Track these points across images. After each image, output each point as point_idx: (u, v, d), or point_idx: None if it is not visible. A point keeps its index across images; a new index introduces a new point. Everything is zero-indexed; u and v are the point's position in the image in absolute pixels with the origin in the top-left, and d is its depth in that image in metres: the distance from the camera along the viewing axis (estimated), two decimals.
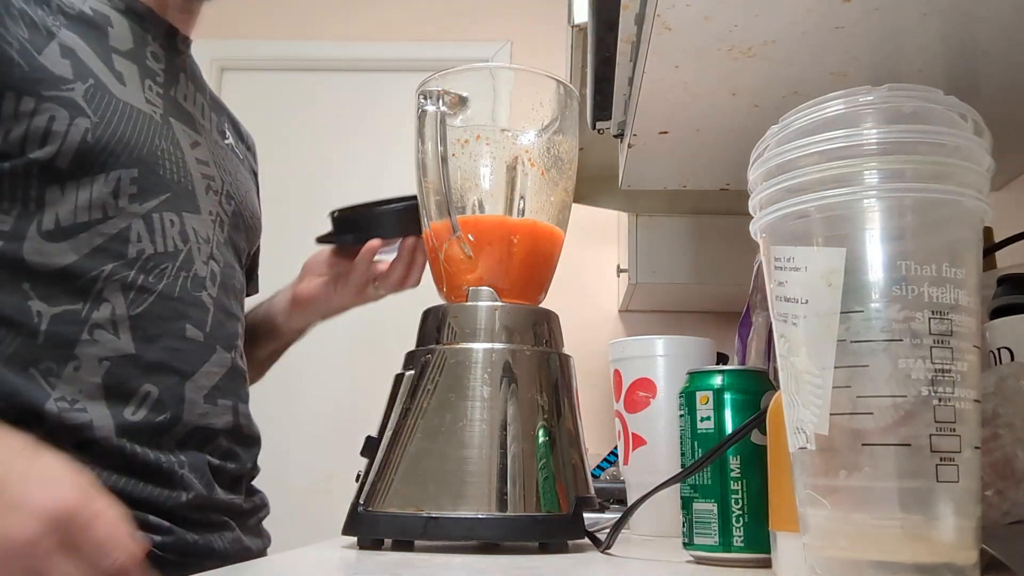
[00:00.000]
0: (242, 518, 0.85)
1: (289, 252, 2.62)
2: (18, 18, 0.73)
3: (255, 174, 1.05)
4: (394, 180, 1.61)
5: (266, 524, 0.94)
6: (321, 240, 0.96)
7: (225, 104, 1.03)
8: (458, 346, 0.66)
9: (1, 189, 0.72)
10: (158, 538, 0.73)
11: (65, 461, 0.62)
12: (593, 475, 1.46)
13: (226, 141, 0.95)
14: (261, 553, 0.88)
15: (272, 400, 1.63)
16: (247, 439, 0.87)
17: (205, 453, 0.80)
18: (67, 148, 0.73)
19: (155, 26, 0.87)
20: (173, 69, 0.88)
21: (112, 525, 0.59)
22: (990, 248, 0.70)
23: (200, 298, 0.81)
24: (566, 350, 0.71)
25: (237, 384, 0.85)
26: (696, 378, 0.58)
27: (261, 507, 0.91)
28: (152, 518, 0.73)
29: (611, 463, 1.48)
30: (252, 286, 1.05)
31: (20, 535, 0.56)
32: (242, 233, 0.92)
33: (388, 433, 0.65)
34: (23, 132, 0.72)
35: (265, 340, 1.05)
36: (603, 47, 0.81)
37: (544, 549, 0.62)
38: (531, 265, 0.73)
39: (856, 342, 0.37)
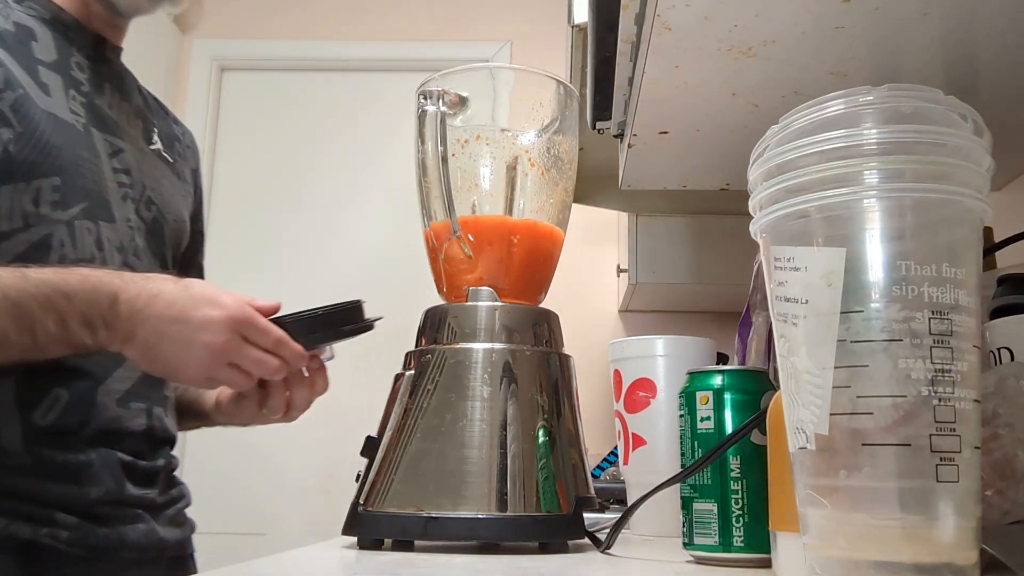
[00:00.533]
0: (157, 511, 0.86)
1: (288, 251, 2.62)
2: None
3: (194, 172, 1.05)
4: (394, 180, 1.60)
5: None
6: None
7: (160, 106, 1.03)
8: (458, 346, 0.66)
9: None
10: (65, 534, 0.76)
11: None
12: (593, 475, 1.47)
13: (152, 147, 0.95)
14: (181, 542, 0.91)
15: None
16: (161, 440, 0.89)
17: (116, 451, 0.81)
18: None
19: (80, 36, 0.89)
20: (98, 78, 0.89)
21: (278, 334, 0.73)
22: (990, 248, 0.70)
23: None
24: (566, 350, 0.71)
25: (153, 387, 0.87)
26: (696, 378, 0.58)
27: (179, 499, 0.92)
28: (60, 515, 0.76)
29: (611, 463, 1.48)
30: (196, 272, 1.06)
31: (219, 329, 0.70)
32: (164, 238, 0.93)
33: (388, 433, 0.65)
34: None
35: (191, 419, 0.99)
36: (603, 47, 0.81)
37: (544, 549, 0.62)
38: (531, 265, 0.73)
39: (856, 342, 0.37)
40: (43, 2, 0.87)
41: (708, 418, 0.56)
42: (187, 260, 1.03)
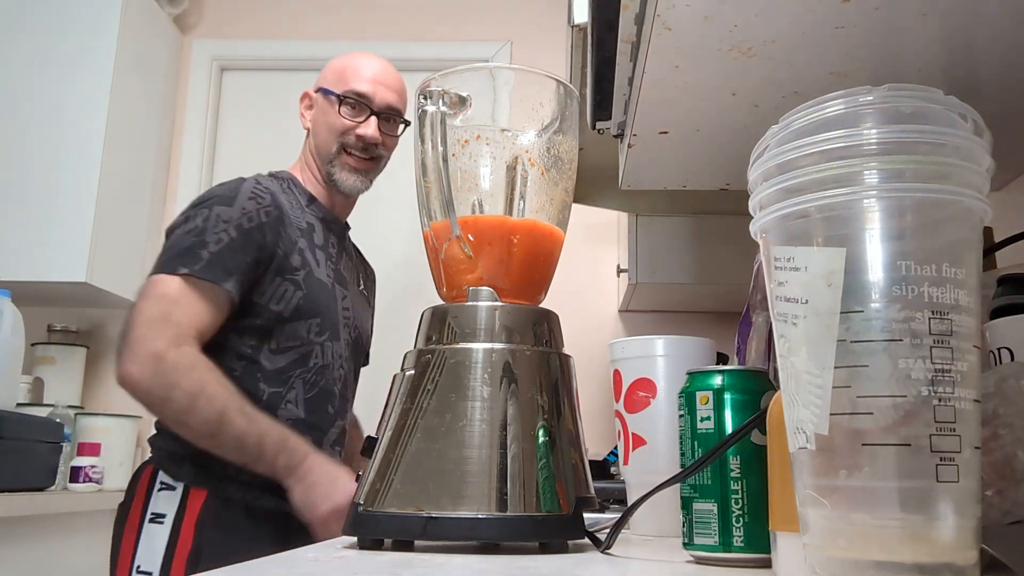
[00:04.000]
0: None
1: None
2: (288, 237, 1.35)
3: (374, 294, 1.68)
4: (394, 179, 1.61)
5: None
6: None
7: (358, 252, 1.64)
8: (458, 346, 0.66)
9: (254, 324, 1.31)
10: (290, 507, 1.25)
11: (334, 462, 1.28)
12: (608, 460, 1.47)
13: (360, 288, 1.55)
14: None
15: None
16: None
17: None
18: (289, 307, 1.32)
19: (335, 226, 1.50)
20: (340, 250, 1.50)
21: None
22: (990, 248, 0.70)
23: (335, 389, 1.39)
24: (566, 350, 0.71)
25: (343, 438, 1.43)
26: (696, 378, 0.58)
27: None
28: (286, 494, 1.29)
29: (611, 463, 1.48)
30: (365, 361, 1.61)
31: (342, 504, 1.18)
32: (359, 349, 1.52)
33: (388, 433, 0.65)
34: (271, 295, 1.31)
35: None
36: (603, 47, 0.81)
37: (544, 549, 0.62)
38: (531, 265, 0.73)
39: (856, 342, 0.37)
40: (318, 205, 1.47)
41: (708, 418, 0.56)
42: (364, 356, 1.61)
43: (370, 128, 1.44)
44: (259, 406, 1.25)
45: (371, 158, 1.47)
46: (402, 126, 1.52)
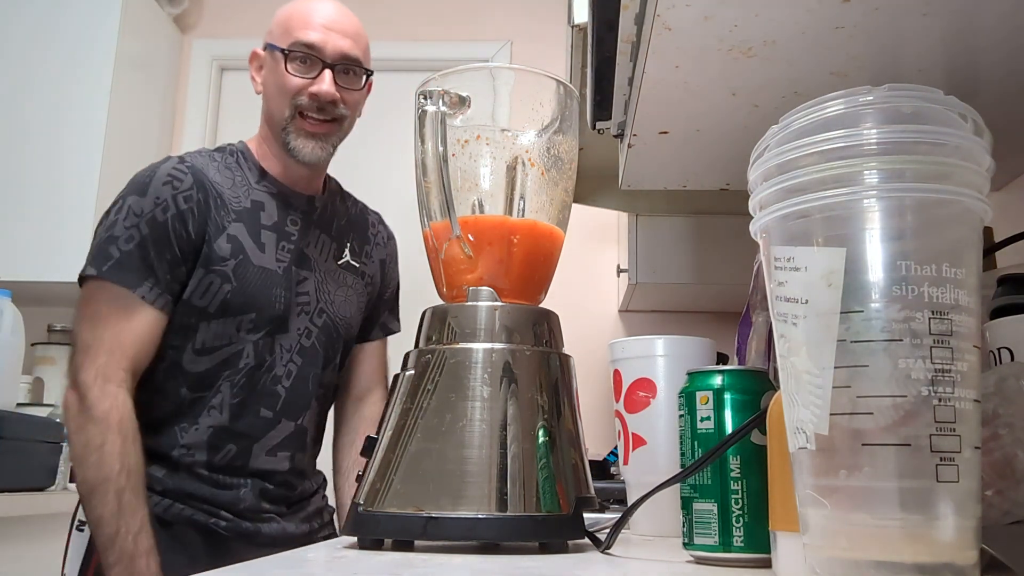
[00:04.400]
0: (286, 516, 1.25)
1: None
2: (215, 222, 1.19)
3: (383, 261, 1.45)
4: (394, 179, 1.61)
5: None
6: None
7: (362, 214, 1.44)
8: (458, 346, 0.66)
9: (175, 320, 1.17)
10: (224, 523, 1.17)
11: None
12: (608, 460, 1.46)
13: (341, 261, 1.34)
14: (308, 534, 1.28)
15: None
16: (302, 474, 1.29)
17: (263, 481, 1.22)
18: (215, 301, 1.17)
19: (295, 200, 1.29)
20: (307, 225, 1.29)
21: None
22: (990, 248, 0.70)
23: (275, 390, 1.22)
24: (566, 350, 0.71)
25: (298, 440, 1.26)
26: (696, 378, 0.58)
27: (309, 507, 1.31)
28: (223, 512, 1.18)
29: (611, 463, 1.48)
30: (377, 332, 1.47)
31: None
32: (331, 334, 1.30)
33: (388, 433, 0.65)
34: (193, 289, 1.17)
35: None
36: (603, 47, 0.81)
37: (544, 549, 0.62)
38: (531, 265, 0.73)
39: (856, 342, 0.37)
40: (272, 180, 1.27)
41: (708, 418, 0.56)
42: (370, 325, 1.44)
43: (324, 83, 1.23)
44: (181, 413, 1.17)
45: (332, 119, 1.26)
46: (364, 77, 1.30)
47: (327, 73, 1.23)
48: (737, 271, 1.22)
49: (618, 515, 0.62)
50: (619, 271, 2.06)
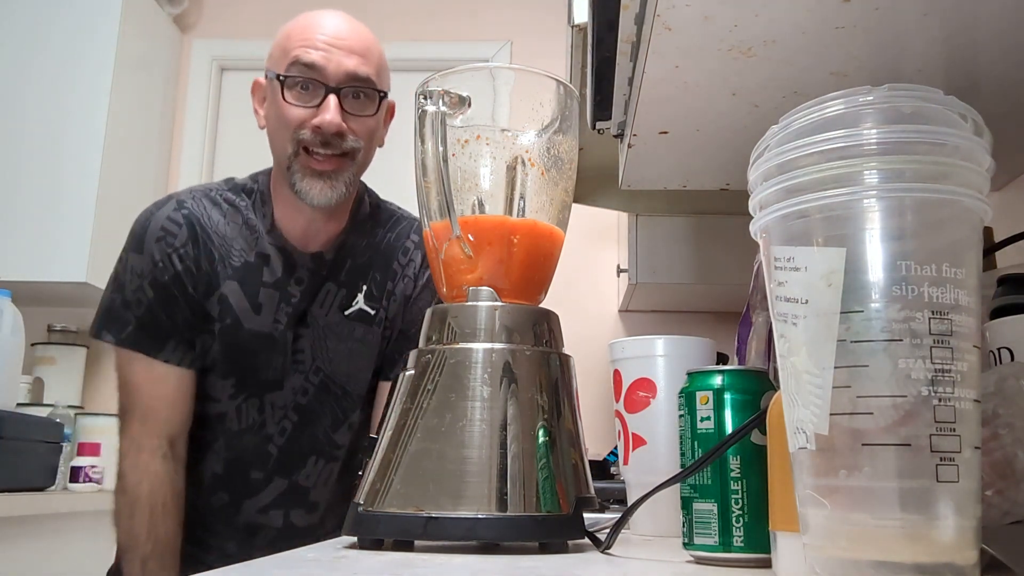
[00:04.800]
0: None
1: None
2: (207, 282, 1.11)
3: (409, 298, 1.22)
4: (394, 179, 1.61)
5: None
6: None
7: (388, 248, 1.21)
8: (458, 346, 0.66)
9: None
10: (210, 557, 1.16)
11: None
12: (608, 460, 1.46)
13: (349, 311, 1.17)
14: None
15: None
16: (304, 530, 1.19)
17: (252, 536, 1.17)
18: (206, 360, 1.12)
19: (301, 259, 1.14)
20: (314, 281, 1.15)
21: None
22: (990, 248, 0.70)
23: (267, 449, 1.15)
24: (566, 350, 0.71)
25: (294, 496, 1.18)
26: (696, 378, 0.58)
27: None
28: (210, 558, 1.16)
29: (611, 463, 1.48)
30: (398, 369, 1.43)
31: None
32: (332, 392, 1.18)
33: (388, 433, 0.65)
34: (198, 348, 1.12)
35: None
36: (603, 47, 0.81)
37: (544, 549, 0.62)
38: (531, 265, 0.73)
39: (856, 342, 0.37)
40: (279, 234, 1.13)
41: (708, 418, 0.56)
42: (391, 364, 1.23)
43: (328, 112, 1.05)
44: (195, 446, 1.14)
45: (341, 153, 1.08)
46: (378, 100, 1.10)
47: (331, 100, 1.06)
48: (737, 271, 1.22)
49: (618, 515, 0.62)
50: (619, 271, 2.06)
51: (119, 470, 1.12)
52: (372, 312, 1.19)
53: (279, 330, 1.12)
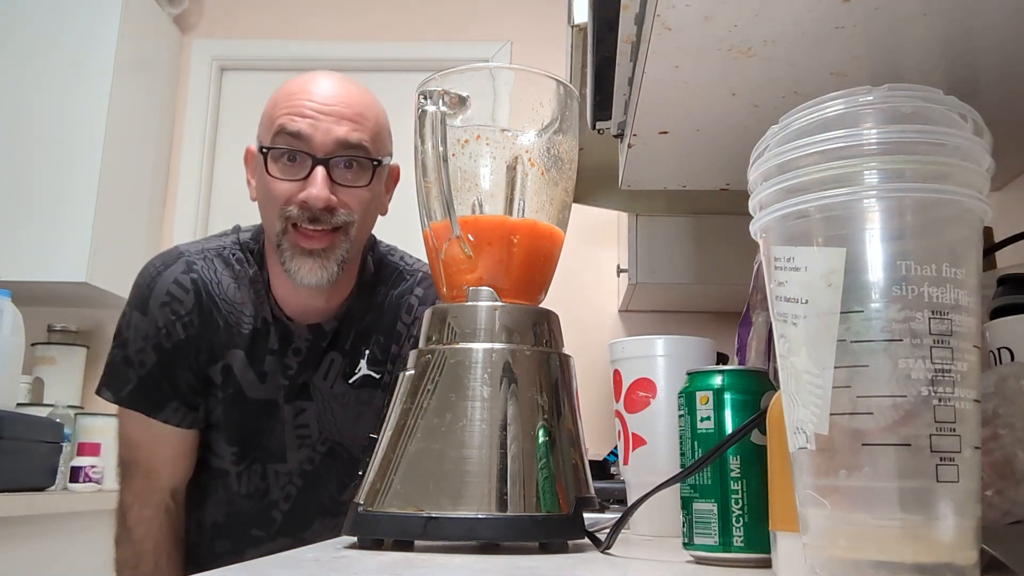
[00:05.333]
0: None
1: None
2: (210, 350, 1.08)
3: (416, 338, 1.15)
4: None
5: None
6: None
7: (395, 305, 1.15)
8: (458, 346, 0.66)
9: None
10: None
11: None
12: (608, 460, 1.46)
13: (353, 380, 1.13)
14: None
15: None
16: None
17: None
18: (208, 419, 1.10)
19: (298, 330, 1.09)
20: (313, 351, 1.10)
21: None
22: (990, 248, 0.70)
23: (270, 514, 1.13)
24: (566, 350, 0.71)
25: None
26: (696, 378, 0.58)
27: None
28: None
29: (611, 463, 1.48)
30: None
31: None
32: (336, 456, 1.14)
33: (388, 433, 0.65)
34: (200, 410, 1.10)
35: None
36: (603, 47, 0.81)
37: (544, 549, 0.62)
38: (531, 265, 0.73)
39: (856, 342, 0.37)
40: (275, 303, 1.09)
41: (708, 418, 0.56)
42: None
43: (314, 186, 0.97)
44: (197, 489, 1.14)
45: (333, 228, 1.00)
46: (372, 169, 1.01)
47: (318, 172, 0.98)
48: (737, 271, 1.22)
49: (618, 515, 0.62)
50: (619, 271, 2.06)
51: (124, 521, 1.11)
52: (377, 376, 1.14)
53: (280, 398, 1.10)
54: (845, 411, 0.37)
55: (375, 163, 1.02)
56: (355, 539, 0.63)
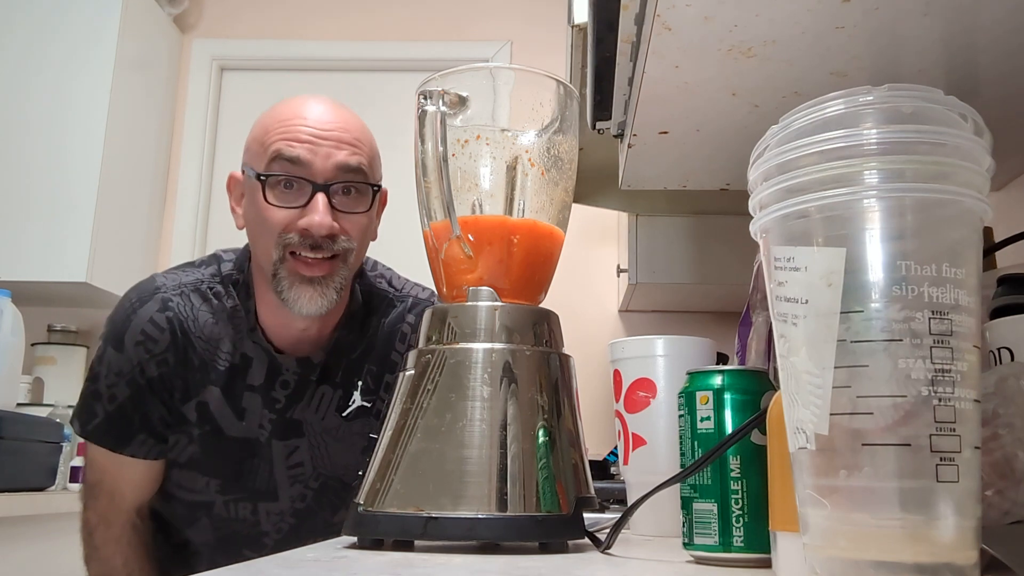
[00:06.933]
0: None
1: None
2: (185, 388, 1.05)
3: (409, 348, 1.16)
4: (394, 179, 1.61)
5: None
6: None
7: (393, 331, 1.13)
8: (458, 346, 0.66)
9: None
10: None
11: None
12: (608, 460, 1.46)
13: (346, 412, 1.09)
14: None
15: None
16: None
17: None
18: (184, 454, 1.06)
19: (286, 362, 1.05)
20: (302, 385, 1.07)
21: None
22: (990, 248, 0.70)
23: (262, 541, 1.10)
24: (566, 350, 0.71)
25: None
26: (696, 378, 0.58)
27: None
28: None
29: (611, 463, 1.48)
30: None
31: None
32: (328, 488, 1.11)
33: (388, 433, 0.65)
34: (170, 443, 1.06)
35: None
36: (603, 47, 0.81)
37: (544, 549, 0.62)
38: (531, 265, 0.73)
39: (856, 342, 0.37)
40: (261, 335, 1.05)
41: (708, 418, 0.56)
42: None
43: (316, 214, 0.95)
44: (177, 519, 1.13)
45: (332, 255, 0.98)
46: (372, 194, 1.01)
47: (319, 198, 0.96)
48: (737, 271, 1.22)
49: (618, 515, 0.62)
50: (619, 271, 2.06)
51: (90, 541, 1.12)
52: (370, 405, 1.11)
53: (264, 436, 1.06)
54: (845, 411, 0.37)
55: (375, 188, 1.01)
56: (355, 539, 0.63)
